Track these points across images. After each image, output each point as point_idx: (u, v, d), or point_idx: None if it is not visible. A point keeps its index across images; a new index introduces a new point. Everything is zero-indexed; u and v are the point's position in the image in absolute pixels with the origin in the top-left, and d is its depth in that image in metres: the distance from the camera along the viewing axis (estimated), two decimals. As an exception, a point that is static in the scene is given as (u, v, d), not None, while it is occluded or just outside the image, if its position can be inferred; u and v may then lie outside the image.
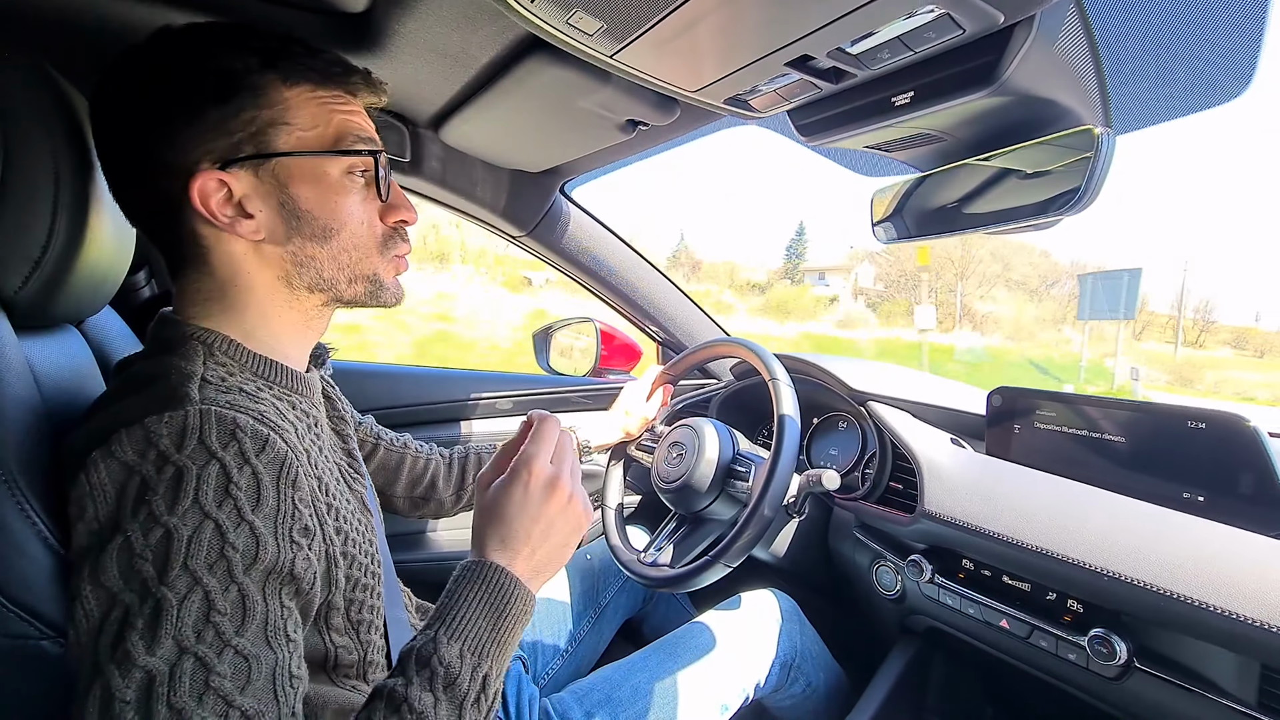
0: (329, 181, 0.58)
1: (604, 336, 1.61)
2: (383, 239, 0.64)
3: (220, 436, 0.47)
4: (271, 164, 0.56)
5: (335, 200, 0.59)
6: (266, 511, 0.47)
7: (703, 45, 0.61)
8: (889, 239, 0.93)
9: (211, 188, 0.55)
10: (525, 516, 0.58)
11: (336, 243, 0.60)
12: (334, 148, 0.58)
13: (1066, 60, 0.59)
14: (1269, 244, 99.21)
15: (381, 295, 0.65)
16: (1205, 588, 0.64)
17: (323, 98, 0.59)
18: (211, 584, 0.43)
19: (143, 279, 1.11)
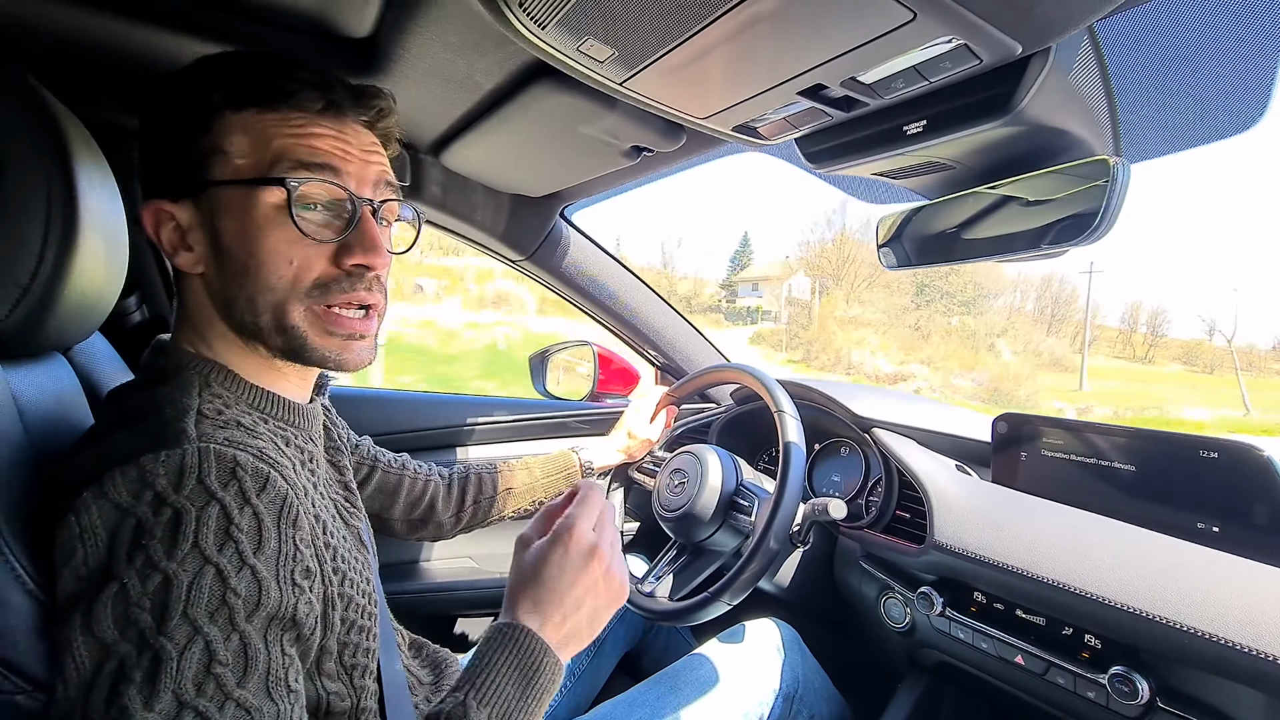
0: (253, 214, 0.53)
1: (601, 360, 1.59)
2: (315, 284, 0.55)
3: (220, 476, 0.45)
4: (209, 194, 0.54)
5: (255, 235, 0.53)
6: (268, 554, 0.45)
7: (714, 73, 0.61)
8: (891, 265, 0.93)
9: (162, 218, 0.55)
10: (562, 582, 0.57)
11: (252, 284, 0.54)
12: (265, 175, 0.53)
13: (1080, 91, 0.59)
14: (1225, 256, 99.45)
15: (304, 352, 0.56)
16: (1230, 624, 0.63)
17: (268, 120, 0.53)
18: (213, 633, 0.41)
19: (134, 304, 1.09)
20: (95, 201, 0.61)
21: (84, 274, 0.60)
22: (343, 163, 0.55)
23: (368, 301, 0.58)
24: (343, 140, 0.56)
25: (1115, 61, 0.59)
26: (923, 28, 0.48)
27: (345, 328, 0.57)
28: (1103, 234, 0.61)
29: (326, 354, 0.57)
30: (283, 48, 0.80)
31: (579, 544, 0.58)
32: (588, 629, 0.59)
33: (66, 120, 0.60)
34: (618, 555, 0.61)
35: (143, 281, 1.11)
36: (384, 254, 0.57)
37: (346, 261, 0.56)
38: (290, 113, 0.54)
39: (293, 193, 0.53)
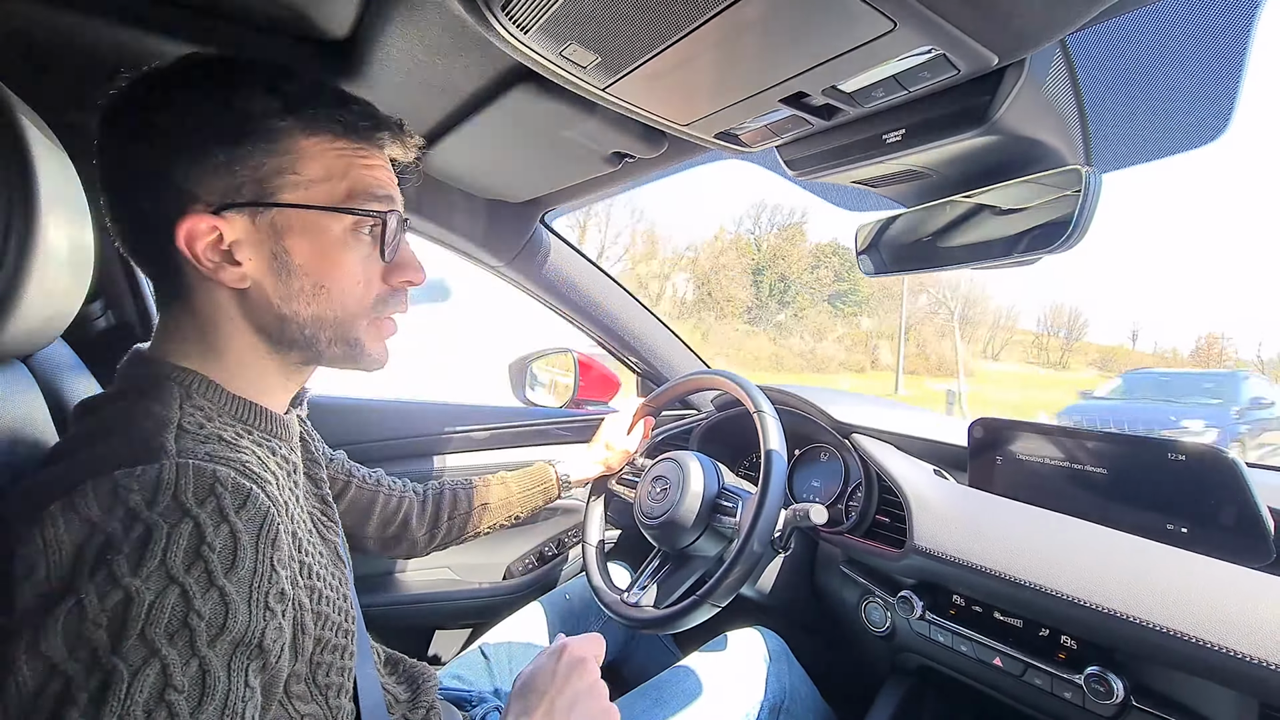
0: (329, 238, 0.55)
1: (582, 367, 1.59)
2: (376, 300, 0.60)
3: (197, 492, 0.43)
4: (270, 213, 0.53)
5: (332, 258, 0.56)
6: (242, 575, 0.43)
7: (698, 80, 0.61)
8: (869, 272, 0.94)
9: (201, 230, 0.52)
10: (552, 688, 0.63)
11: (324, 301, 0.56)
12: (342, 204, 0.55)
13: (1053, 102, 0.60)
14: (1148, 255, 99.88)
15: (360, 359, 0.61)
16: (1201, 624, 0.64)
17: (342, 150, 0.56)
18: (171, 656, 0.38)
19: (98, 309, 1.05)
20: (59, 204, 0.59)
21: (46, 278, 0.58)
22: (395, 191, 0.60)
23: (404, 313, 0.64)
24: (388, 169, 0.61)
25: (1086, 75, 0.61)
26: (903, 37, 0.49)
27: (389, 331, 0.63)
28: (1075, 242, 0.62)
29: (377, 358, 0.62)
30: (258, 48, 0.78)
31: (570, 655, 0.66)
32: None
33: (28, 119, 0.58)
34: (602, 684, 0.67)
35: (108, 287, 1.07)
36: (424, 271, 0.63)
37: (397, 279, 0.61)
38: (362, 146, 0.57)
39: (387, 223, 0.58)
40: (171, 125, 0.52)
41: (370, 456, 1.23)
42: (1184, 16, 0.53)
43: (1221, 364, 51.64)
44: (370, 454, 1.31)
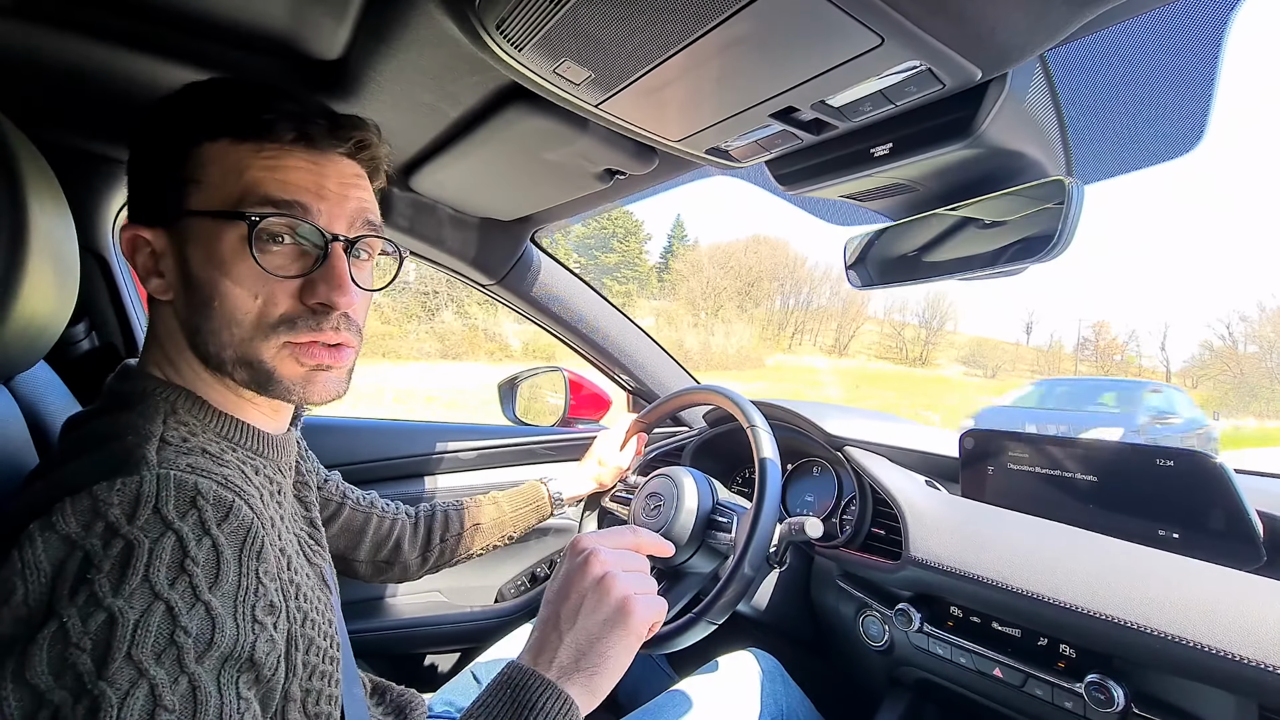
0: (219, 246, 0.52)
1: (572, 385, 1.58)
2: (281, 319, 0.54)
3: (179, 505, 0.42)
4: (182, 223, 0.53)
5: (221, 268, 0.52)
6: (226, 589, 0.42)
7: (689, 96, 0.62)
8: (857, 285, 0.95)
9: (138, 243, 0.55)
10: (564, 608, 0.56)
11: (216, 316, 0.53)
12: (229, 208, 0.52)
13: (1034, 115, 0.62)
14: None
15: (269, 386, 0.54)
16: (1199, 628, 0.64)
17: (242, 151, 0.53)
18: (159, 676, 0.37)
19: (82, 331, 1.04)
20: (45, 224, 0.59)
21: (31, 299, 0.57)
22: (314, 198, 0.54)
23: (333, 341, 0.56)
24: (318, 173, 0.55)
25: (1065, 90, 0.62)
26: (890, 52, 0.51)
27: (314, 358, 0.55)
28: (1060, 251, 0.64)
29: (292, 386, 0.55)
30: (250, 71, 0.79)
31: (588, 570, 0.57)
32: (605, 667, 0.54)
33: (16, 141, 0.57)
34: (643, 582, 0.58)
35: (92, 308, 1.06)
36: (349, 293, 0.55)
37: (310, 299, 0.54)
38: (264, 143, 0.53)
39: (253, 228, 0.51)
40: (135, 149, 0.57)
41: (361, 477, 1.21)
42: (1158, 32, 0.55)
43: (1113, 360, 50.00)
44: (361, 475, 1.30)
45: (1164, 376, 50.15)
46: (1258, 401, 41.80)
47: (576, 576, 0.57)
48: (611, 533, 0.62)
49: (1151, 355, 52.53)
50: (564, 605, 0.56)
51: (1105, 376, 48.27)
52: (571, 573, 0.57)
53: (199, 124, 0.53)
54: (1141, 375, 50.99)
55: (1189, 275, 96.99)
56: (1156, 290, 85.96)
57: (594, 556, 0.58)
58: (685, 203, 31.55)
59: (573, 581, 0.57)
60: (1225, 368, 44.56)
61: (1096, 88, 0.62)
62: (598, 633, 0.54)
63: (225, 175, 0.52)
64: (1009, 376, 47.02)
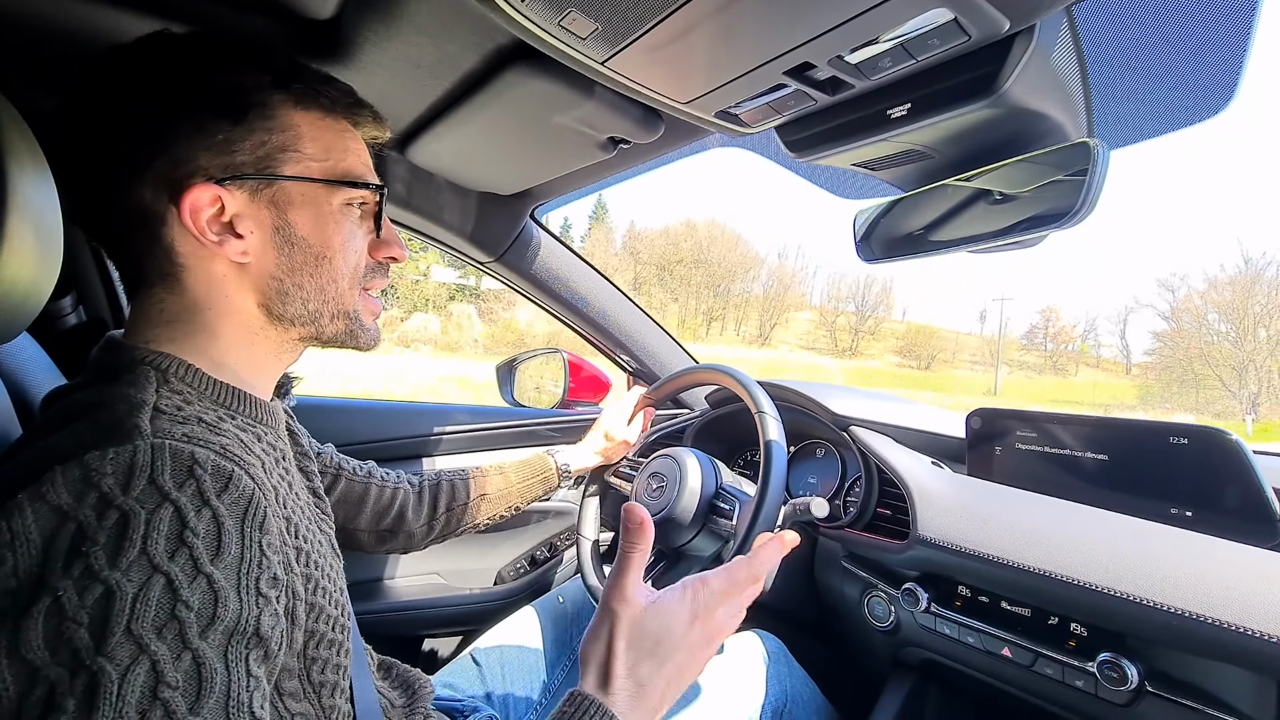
0: (327, 211, 0.57)
1: (572, 368, 1.56)
2: (364, 272, 0.62)
3: (175, 475, 0.40)
4: (272, 188, 0.54)
5: (331, 229, 0.57)
6: (228, 561, 0.40)
7: (699, 52, 0.59)
8: (868, 258, 0.93)
9: (204, 202, 0.52)
10: (678, 657, 0.52)
11: (325, 272, 0.58)
12: (340, 179, 0.57)
13: (1060, 74, 0.59)
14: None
15: (359, 336, 0.62)
16: (1215, 604, 0.63)
17: (332, 127, 0.58)
18: (160, 651, 0.36)
19: (69, 305, 1.01)
20: (26, 189, 0.56)
21: (10, 267, 0.54)
22: (371, 169, 0.62)
23: (385, 286, 0.66)
24: (366, 150, 0.63)
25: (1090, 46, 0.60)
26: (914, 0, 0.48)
27: (376, 310, 0.64)
28: (1084, 217, 0.61)
29: (373, 334, 0.64)
30: (238, 28, 0.75)
31: (710, 622, 0.54)
32: (663, 710, 0.53)
33: None
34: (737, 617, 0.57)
35: (80, 281, 1.03)
36: (405, 247, 0.65)
37: (382, 253, 0.63)
38: (345, 123, 0.60)
39: (380, 198, 0.60)
40: (162, 101, 0.51)
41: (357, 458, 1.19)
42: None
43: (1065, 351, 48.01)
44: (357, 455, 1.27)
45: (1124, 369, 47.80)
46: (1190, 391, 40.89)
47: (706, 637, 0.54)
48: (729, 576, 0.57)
49: (1111, 344, 50.94)
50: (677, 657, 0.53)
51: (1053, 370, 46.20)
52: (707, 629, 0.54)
53: (286, 93, 0.55)
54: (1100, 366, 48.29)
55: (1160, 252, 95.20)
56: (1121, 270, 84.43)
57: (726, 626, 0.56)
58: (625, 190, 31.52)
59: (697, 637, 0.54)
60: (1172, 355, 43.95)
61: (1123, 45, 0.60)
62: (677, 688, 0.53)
63: (325, 148, 0.57)
64: (946, 367, 45.41)
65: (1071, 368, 46.88)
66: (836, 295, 50.75)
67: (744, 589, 0.57)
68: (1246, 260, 44.37)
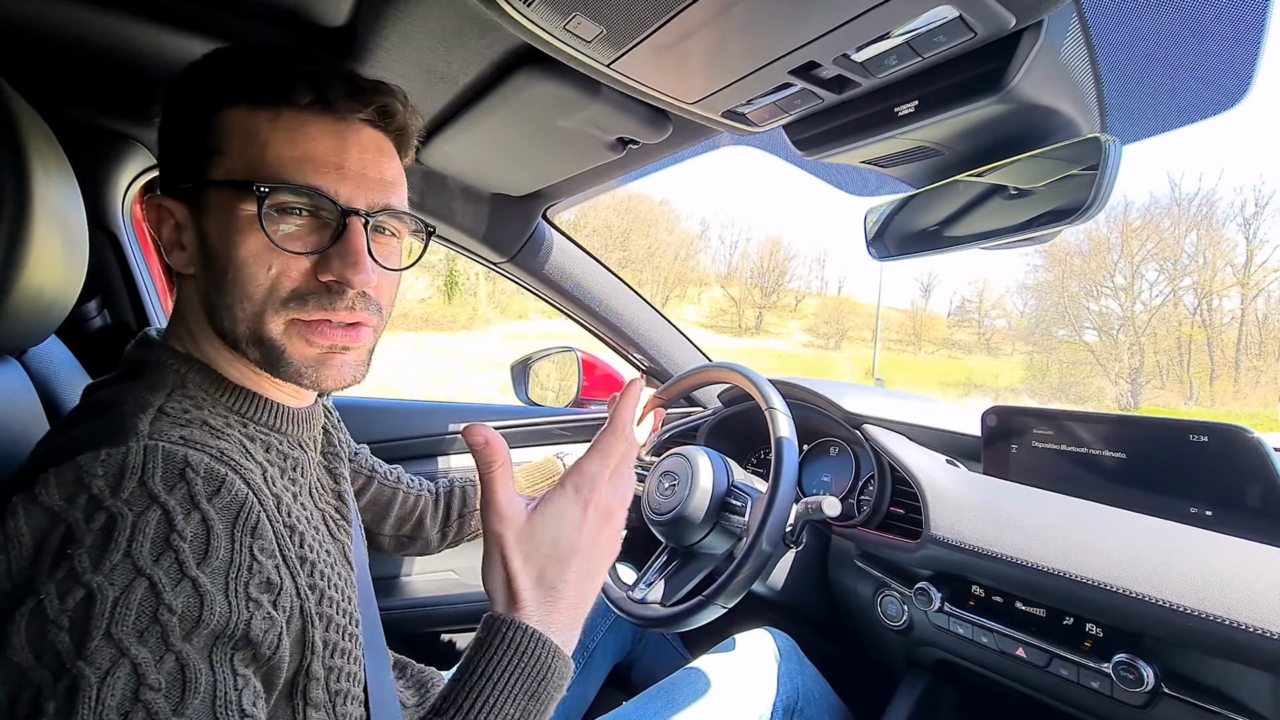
0: (234, 218, 0.50)
1: (585, 366, 1.57)
2: (292, 294, 0.51)
3: (166, 478, 0.41)
4: (203, 194, 0.52)
5: (232, 239, 0.50)
6: (216, 565, 0.40)
7: (704, 53, 0.59)
8: (880, 257, 0.92)
9: (162, 214, 0.54)
10: (578, 556, 0.50)
11: (230, 290, 0.51)
12: (242, 178, 0.50)
13: (1069, 68, 0.59)
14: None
15: (279, 366, 0.52)
16: (1235, 606, 0.62)
17: (259, 119, 0.50)
18: (141, 655, 0.36)
19: (94, 308, 1.04)
20: (52, 197, 0.58)
21: (38, 272, 0.57)
22: (333, 169, 0.51)
23: (348, 320, 0.53)
24: (339, 142, 0.52)
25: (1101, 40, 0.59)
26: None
27: (327, 339, 0.53)
28: (1095, 212, 0.61)
29: (303, 368, 0.53)
30: (252, 38, 0.77)
31: (600, 504, 0.52)
32: (585, 606, 0.52)
33: (22, 113, 0.57)
34: (622, 507, 0.54)
35: (104, 285, 1.06)
36: (365, 270, 0.52)
37: (324, 275, 0.52)
38: (281, 109, 0.51)
39: (263, 200, 0.49)
40: (160, 122, 0.56)
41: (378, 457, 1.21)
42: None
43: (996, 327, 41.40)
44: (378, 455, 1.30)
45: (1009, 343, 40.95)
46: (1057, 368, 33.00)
47: (602, 522, 0.52)
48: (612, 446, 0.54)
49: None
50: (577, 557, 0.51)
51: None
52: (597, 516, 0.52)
53: (218, 91, 0.51)
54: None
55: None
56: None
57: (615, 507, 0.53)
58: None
59: (592, 525, 0.51)
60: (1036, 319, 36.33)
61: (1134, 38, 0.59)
62: (595, 585, 0.52)
63: (244, 144, 0.50)
64: (857, 346, 40.71)
65: (1007, 346, 40.64)
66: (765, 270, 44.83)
67: (618, 456, 0.54)
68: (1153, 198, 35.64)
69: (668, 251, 42.72)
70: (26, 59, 0.81)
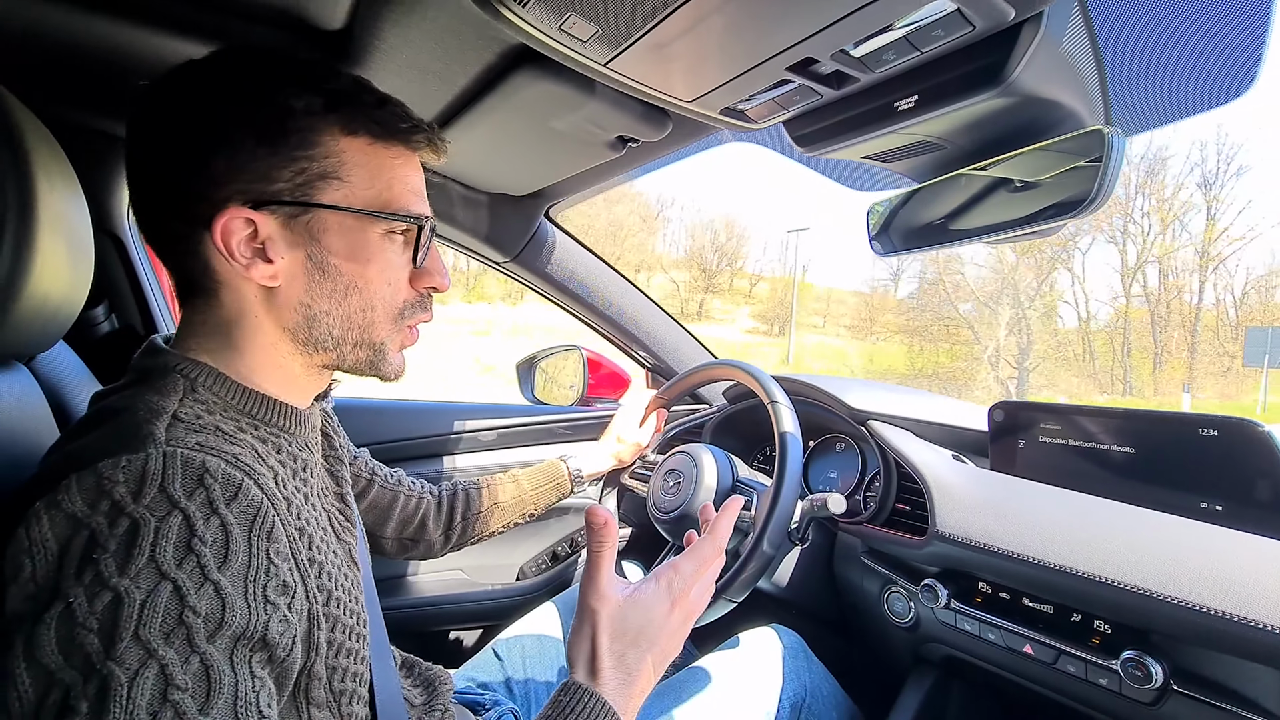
0: (365, 239, 0.55)
1: (590, 364, 1.57)
2: (404, 305, 0.59)
3: (186, 484, 0.42)
4: (309, 214, 0.53)
5: (366, 260, 0.55)
6: (235, 568, 0.42)
7: (701, 50, 0.59)
8: (884, 252, 0.92)
9: (237, 226, 0.51)
10: (659, 641, 0.56)
11: (355, 301, 0.56)
12: (381, 209, 0.55)
13: (1071, 60, 0.58)
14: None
15: (382, 367, 0.60)
16: (1245, 602, 0.61)
17: (380, 153, 0.55)
18: (169, 655, 0.37)
19: (102, 313, 1.05)
20: (56, 202, 0.58)
21: (44, 278, 0.57)
22: (422, 195, 0.59)
23: (428, 320, 0.63)
24: (420, 173, 0.60)
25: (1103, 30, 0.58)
26: (915, -9, 0.47)
27: (410, 341, 0.62)
28: (1100, 205, 0.60)
29: (397, 367, 0.61)
30: (250, 40, 0.77)
31: (685, 605, 0.58)
32: (648, 691, 0.56)
33: (23, 118, 0.57)
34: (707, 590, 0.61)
35: (111, 290, 1.07)
36: (448, 276, 0.62)
37: (423, 284, 0.60)
38: (398, 148, 0.56)
39: (422, 229, 0.57)
40: (211, 120, 0.51)
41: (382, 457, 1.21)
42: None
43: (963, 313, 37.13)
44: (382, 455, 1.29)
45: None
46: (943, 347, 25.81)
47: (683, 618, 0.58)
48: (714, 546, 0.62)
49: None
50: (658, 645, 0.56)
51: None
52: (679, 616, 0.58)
53: (334, 117, 0.53)
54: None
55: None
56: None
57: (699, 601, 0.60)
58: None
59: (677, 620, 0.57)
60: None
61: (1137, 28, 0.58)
62: (660, 670, 0.57)
63: (370, 177, 0.54)
64: (805, 332, 38.91)
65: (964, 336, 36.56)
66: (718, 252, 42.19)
67: (710, 564, 0.61)
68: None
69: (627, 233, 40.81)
70: (26, 64, 0.82)
